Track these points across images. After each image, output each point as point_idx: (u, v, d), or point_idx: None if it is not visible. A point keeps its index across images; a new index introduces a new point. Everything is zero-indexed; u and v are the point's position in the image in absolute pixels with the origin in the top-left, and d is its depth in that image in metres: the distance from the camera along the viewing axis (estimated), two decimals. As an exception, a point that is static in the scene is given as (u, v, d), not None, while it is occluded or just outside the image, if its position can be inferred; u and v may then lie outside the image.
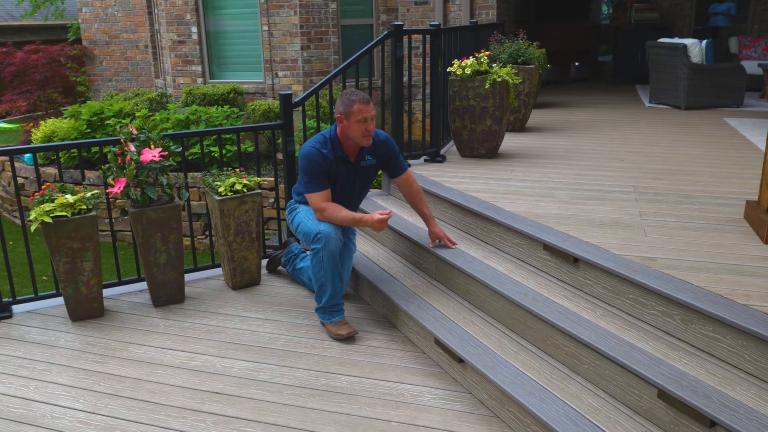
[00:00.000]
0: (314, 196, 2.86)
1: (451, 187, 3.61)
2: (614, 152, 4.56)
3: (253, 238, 3.32)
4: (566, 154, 4.52)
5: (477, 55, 4.26)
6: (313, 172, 2.85)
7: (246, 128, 3.68)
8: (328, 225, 2.81)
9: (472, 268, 2.89)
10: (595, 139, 5.10)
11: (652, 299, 2.34)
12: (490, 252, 3.08)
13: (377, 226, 2.77)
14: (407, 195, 3.14)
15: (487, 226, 3.16)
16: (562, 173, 3.93)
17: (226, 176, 3.32)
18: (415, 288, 3.05)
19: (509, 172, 4.00)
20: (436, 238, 3.13)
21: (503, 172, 3.98)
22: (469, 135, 4.33)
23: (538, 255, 2.85)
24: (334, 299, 2.89)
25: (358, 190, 3.05)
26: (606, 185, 3.62)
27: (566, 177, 3.83)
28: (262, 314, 3.12)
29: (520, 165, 4.19)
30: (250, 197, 3.24)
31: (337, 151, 2.90)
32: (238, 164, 3.63)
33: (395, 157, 3.07)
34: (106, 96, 8.56)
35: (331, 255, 2.80)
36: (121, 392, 2.50)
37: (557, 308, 2.50)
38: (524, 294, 2.62)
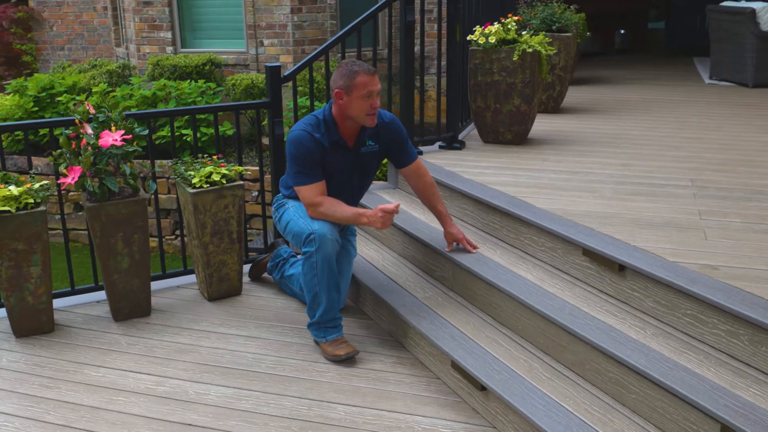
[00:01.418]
0: (306, 189, 2.86)
1: (471, 179, 3.61)
2: (668, 138, 4.55)
3: (233, 239, 3.32)
4: (610, 141, 4.51)
5: (503, 21, 4.25)
6: (303, 160, 2.85)
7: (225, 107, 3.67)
8: (322, 223, 2.81)
9: (497, 276, 2.88)
10: (644, 123, 5.09)
11: (713, 316, 2.33)
12: (519, 258, 3.07)
13: (381, 222, 2.77)
14: (418, 189, 3.13)
15: (515, 226, 3.15)
16: (604, 163, 3.92)
17: (201, 165, 3.33)
18: (427, 300, 3.05)
19: (541, 161, 3.99)
20: (453, 241, 3.13)
21: (534, 162, 3.97)
22: (493, 117, 4.32)
23: (576, 261, 2.84)
24: (330, 313, 2.89)
25: (358, 181, 3.05)
26: (658, 178, 3.61)
27: (610, 168, 3.82)
28: (243, 330, 3.13)
29: (555, 153, 4.18)
30: (230, 190, 3.25)
31: (332, 134, 2.89)
32: (215, 150, 3.63)
33: (403, 143, 3.07)
34: (57, 68, 8.59)
35: (326, 260, 2.80)
36: (74, 423, 2.50)
37: (599, 326, 2.49)
38: (559, 308, 2.62)
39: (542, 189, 3.44)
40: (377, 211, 2.78)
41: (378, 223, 2.77)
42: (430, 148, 4.34)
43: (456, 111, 4.30)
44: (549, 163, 3.95)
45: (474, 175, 3.68)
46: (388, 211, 2.77)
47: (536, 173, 3.73)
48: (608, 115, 5.43)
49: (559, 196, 3.32)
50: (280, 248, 3.50)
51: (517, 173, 3.73)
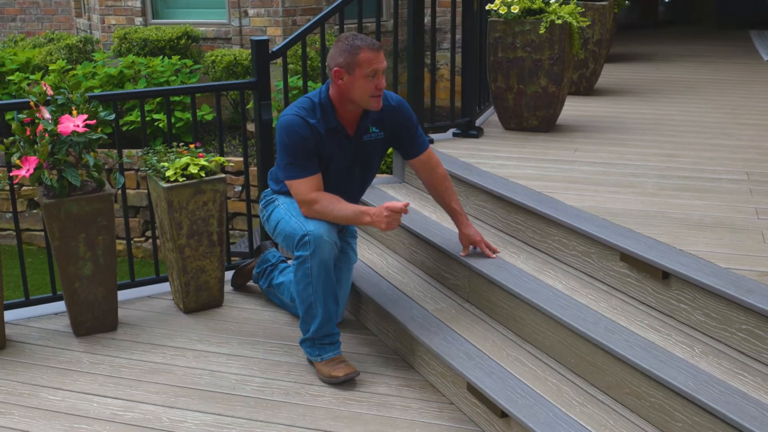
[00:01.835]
0: (298, 183, 2.87)
1: (490, 172, 3.61)
2: (720, 125, 4.54)
3: (213, 242, 3.33)
4: (652, 127, 4.50)
5: (528, -13, 4.26)
6: (296, 149, 2.85)
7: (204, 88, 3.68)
8: (318, 223, 2.82)
9: (520, 285, 2.88)
10: (692, 106, 5.09)
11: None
12: (546, 263, 3.07)
13: (387, 223, 2.77)
14: (429, 183, 3.14)
15: (542, 227, 3.16)
16: (646, 154, 3.92)
17: (176, 155, 3.33)
18: (439, 313, 3.06)
19: (572, 151, 3.99)
20: (469, 244, 3.14)
21: (564, 152, 3.97)
22: (516, 99, 4.32)
23: (613, 268, 2.84)
24: (326, 327, 2.90)
25: (360, 175, 3.05)
26: (708, 171, 3.61)
27: (652, 159, 3.82)
28: (225, 347, 3.13)
29: (588, 142, 4.18)
30: (210, 185, 3.25)
31: (329, 120, 2.90)
32: (192, 138, 3.64)
33: (412, 130, 3.07)
34: (8, 42, 8.61)
35: (322, 265, 2.80)
36: (29, 454, 2.51)
37: (640, 342, 2.49)
38: (593, 322, 2.62)
39: (573, 183, 3.44)
40: (382, 209, 2.78)
41: (383, 223, 2.77)
42: (442, 135, 4.34)
43: (473, 93, 4.31)
44: (581, 153, 3.95)
45: (493, 168, 3.67)
46: (395, 209, 2.77)
47: (566, 165, 3.73)
48: (650, 97, 5.42)
49: (592, 192, 3.32)
50: (268, 252, 3.50)
51: (544, 165, 3.73)
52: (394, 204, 2.77)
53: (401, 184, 4.08)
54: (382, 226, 2.77)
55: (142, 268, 5.99)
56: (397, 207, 2.76)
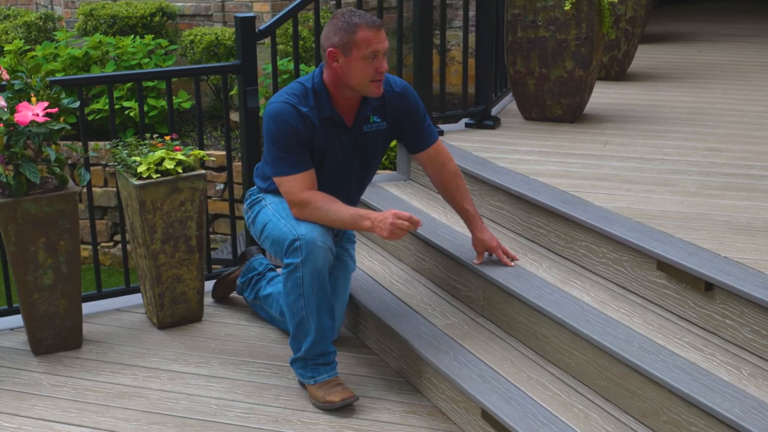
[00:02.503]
0: (289, 180, 2.87)
1: (508, 168, 3.60)
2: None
3: (191, 247, 3.33)
4: (693, 117, 4.50)
5: (551, -43, 4.26)
6: (285, 142, 2.85)
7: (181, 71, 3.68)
8: (311, 227, 2.82)
9: (543, 297, 2.88)
10: (739, 94, 5.08)
11: (832, 351, 2.32)
12: (572, 273, 3.07)
13: (389, 232, 2.76)
14: (438, 181, 3.14)
15: (567, 230, 3.16)
16: (686, 147, 3.91)
17: (149, 148, 3.34)
18: (450, 329, 3.05)
19: (602, 144, 3.99)
20: (484, 250, 3.14)
21: (592, 145, 3.97)
22: (537, 85, 4.32)
23: (649, 278, 2.84)
24: (320, 345, 2.90)
25: (359, 171, 3.06)
26: (757, 167, 3.61)
27: (693, 153, 3.82)
28: (205, 368, 3.13)
29: (620, 133, 4.18)
30: (188, 182, 3.26)
31: (324, 108, 2.90)
32: (168, 129, 3.64)
33: (418, 120, 3.07)
34: (-42, 19, 8.61)
35: (316, 274, 2.80)
36: (-19, 490, 2.52)
37: (679, 363, 2.49)
38: (626, 340, 2.61)
39: (603, 181, 3.44)
40: (388, 215, 2.76)
41: (385, 231, 2.75)
42: (453, 126, 4.34)
43: (488, 77, 4.30)
44: (612, 146, 3.94)
45: (512, 163, 3.67)
46: (403, 220, 2.74)
47: (595, 160, 3.72)
48: (691, 83, 5.41)
49: (625, 191, 3.32)
50: (254, 259, 3.50)
51: (570, 160, 3.73)
52: (402, 214, 2.75)
53: (406, 181, 4.07)
54: (383, 233, 2.76)
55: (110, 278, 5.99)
56: (404, 217, 2.74)
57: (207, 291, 3.62)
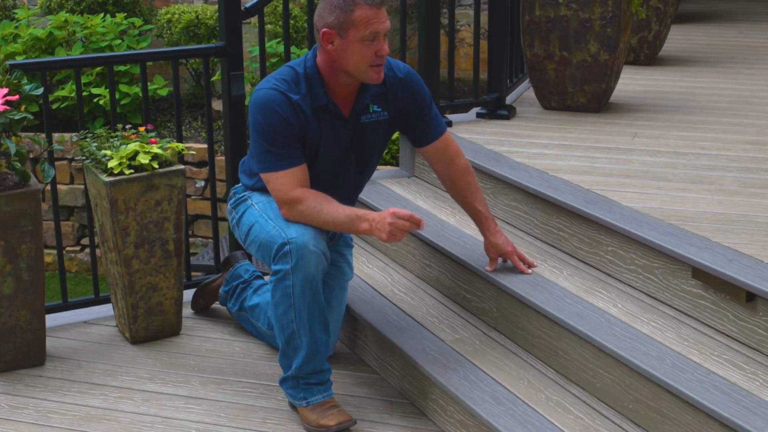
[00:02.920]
0: (278, 177, 2.86)
1: (525, 164, 3.59)
2: (820, 104, 4.53)
3: (168, 252, 3.32)
4: (732, 107, 4.49)
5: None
6: (274, 134, 2.85)
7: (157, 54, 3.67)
8: (302, 229, 2.81)
9: (564, 309, 2.87)
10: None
11: None
12: (596, 281, 3.06)
13: (389, 233, 2.74)
14: (446, 178, 3.13)
15: (591, 234, 3.14)
16: (725, 141, 3.90)
17: (121, 140, 3.33)
18: (459, 345, 3.04)
19: (630, 137, 3.98)
20: (498, 255, 3.13)
21: (620, 138, 3.96)
22: (558, 70, 4.31)
23: (683, 287, 2.83)
24: (313, 363, 2.89)
25: (356, 167, 3.05)
26: (806, 163, 3.61)
27: (733, 147, 3.81)
28: (184, 388, 3.12)
29: (650, 125, 4.16)
30: (165, 179, 3.25)
31: (317, 96, 2.89)
32: (142, 119, 3.64)
33: (424, 109, 3.07)
34: None
35: (308, 283, 2.80)
36: None
37: (717, 383, 2.48)
38: (657, 357, 2.60)
39: (631, 179, 3.43)
40: (386, 215, 2.75)
41: (384, 233, 2.75)
42: (463, 116, 4.33)
43: (502, 62, 4.29)
44: (641, 139, 3.93)
45: (529, 158, 3.66)
46: (402, 219, 2.74)
47: (622, 155, 3.72)
48: (730, 68, 5.40)
49: (656, 190, 3.31)
50: (239, 266, 3.50)
51: (595, 155, 3.72)
52: (401, 212, 2.74)
53: (410, 178, 4.07)
54: (382, 236, 2.75)
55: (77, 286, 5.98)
56: (404, 216, 2.73)
57: (186, 301, 3.61)
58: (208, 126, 3.71)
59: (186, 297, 3.60)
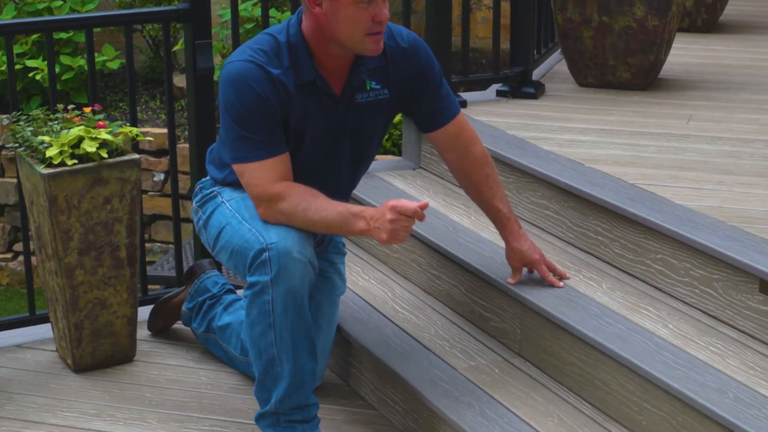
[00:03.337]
0: (255, 169, 2.86)
1: (556, 152, 3.60)
2: None
3: (120, 261, 3.32)
4: (810, 84, 4.50)
5: None
6: (250, 116, 2.84)
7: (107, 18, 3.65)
8: (285, 232, 2.81)
9: (602, 330, 2.87)
10: None
11: None
12: (642, 296, 3.06)
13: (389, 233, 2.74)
14: (459, 169, 3.13)
15: (636, 238, 3.14)
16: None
17: (62, 124, 3.33)
18: (474, 374, 3.04)
19: (684, 121, 3.98)
20: (522, 265, 3.13)
21: (671, 122, 3.96)
22: (596, 39, 4.31)
23: (749, 303, 2.82)
24: (297, 395, 2.89)
25: (350, 156, 3.05)
26: None
27: (811, 134, 3.82)
28: (138, 427, 3.12)
29: (708, 105, 4.17)
30: (116, 171, 3.25)
31: (303, 70, 2.89)
32: (89, 98, 3.63)
33: (433, 86, 3.07)
34: None
35: (291, 298, 2.80)
36: None
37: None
38: (718, 389, 2.60)
39: (685, 171, 3.43)
40: (384, 209, 2.76)
41: (384, 232, 2.75)
42: (480, 95, 4.33)
43: (528, 29, 4.30)
44: (698, 123, 3.94)
45: (561, 146, 3.66)
46: (405, 212, 2.75)
47: (674, 142, 3.72)
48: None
49: (716, 185, 3.31)
50: (207, 277, 3.50)
51: (641, 142, 3.72)
52: (402, 203, 2.75)
53: (415, 170, 4.07)
54: (382, 236, 2.75)
55: (7, 302, 5.97)
56: (408, 208, 2.74)
57: (141, 321, 3.61)
58: (168, 106, 3.71)
59: (141, 315, 3.60)
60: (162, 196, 6.32)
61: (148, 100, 6.71)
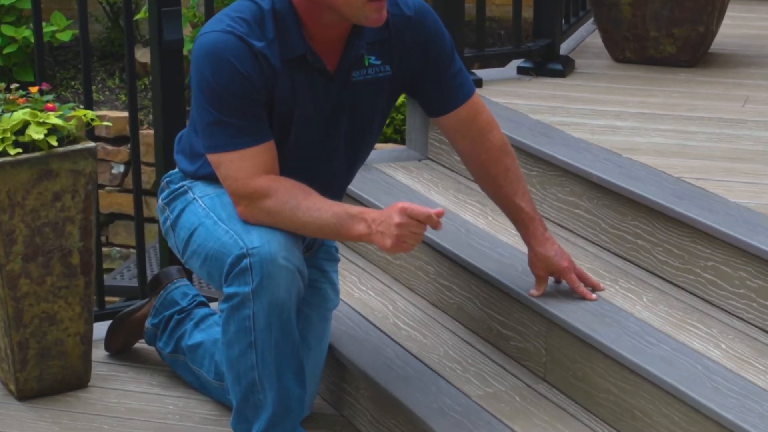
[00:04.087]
0: (234, 160, 2.86)
1: (588, 140, 3.61)
2: None
3: (72, 269, 3.33)
4: None
5: None
6: (228, 97, 2.85)
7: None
8: (268, 235, 2.81)
9: (642, 350, 2.87)
10: None
11: None
12: (690, 310, 3.07)
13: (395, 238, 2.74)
14: (474, 160, 3.15)
15: (683, 242, 3.15)
16: None
17: (4, 106, 3.33)
18: (491, 402, 3.04)
19: (740, 103, 4.00)
20: (548, 273, 3.14)
21: (724, 104, 3.98)
22: (635, 6, 4.32)
23: (816, 320, 2.84)
24: (282, 426, 2.91)
25: (346, 145, 3.06)
26: None
27: None
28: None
29: (767, 86, 4.18)
30: (68, 162, 3.25)
31: (290, 42, 2.89)
32: (35, 76, 3.64)
33: (442, 62, 3.08)
34: None
35: (276, 312, 2.80)
36: None
37: None
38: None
39: (741, 163, 3.45)
40: (392, 212, 2.74)
41: (388, 238, 2.74)
42: (498, 72, 4.34)
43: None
44: (756, 106, 3.95)
45: (594, 132, 3.67)
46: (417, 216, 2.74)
47: (728, 128, 3.73)
48: None
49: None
50: (175, 288, 3.51)
51: (688, 128, 3.73)
52: (415, 208, 2.74)
53: (422, 161, 4.08)
54: (386, 243, 2.74)
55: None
56: (421, 212, 2.73)
57: (98, 339, 3.62)
58: (129, 86, 3.71)
59: (98, 333, 3.61)
60: (122, 192, 6.33)
61: (106, 78, 6.72)
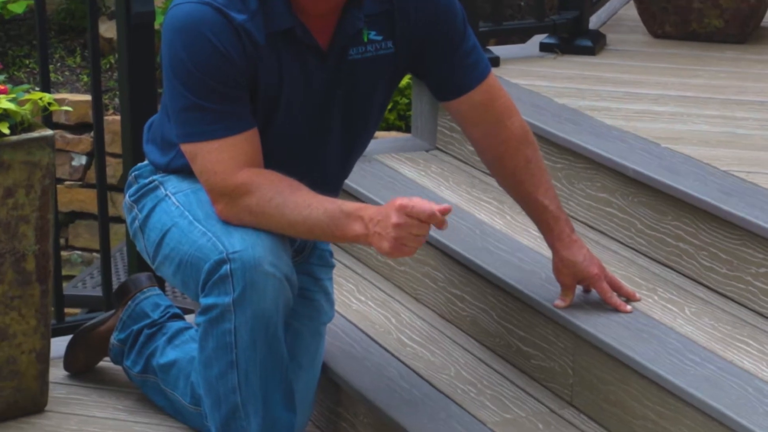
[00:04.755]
0: (211, 151, 2.87)
1: (621, 128, 3.62)
2: None
3: (26, 275, 3.34)
4: None
5: None
6: (204, 78, 2.86)
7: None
8: (252, 237, 2.83)
9: (684, 370, 2.87)
10: None
11: None
12: (739, 324, 3.07)
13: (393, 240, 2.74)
14: (490, 150, 3.16)
15: (731, 245, 3.16)
16: None
17: (-52, 88, 3.35)
18: (507, 429, 3.05)
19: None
20: (576, 281, 3.15)
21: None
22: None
23: None
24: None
25: (342, 133, 3.08)
26: None
27: None
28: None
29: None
30: (22, 152, 3.27)
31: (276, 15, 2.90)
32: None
33: (453, 38, 3.08)
34: None
35: (262, 326, 2.82)
36: None
37: None
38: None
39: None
40: (390, 210, 2.75)
41: (386, 240, 2.74)
42: (517, 50, 4.36)
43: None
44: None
45: (628, 119, 3.69)
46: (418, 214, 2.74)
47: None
48: None
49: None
50: (144, 298, 3.52)
51: (737, 114, 3.74)
52: (415, 202, 2.75)
53: (430, 152, 4.10)
54: (383, 245, 2.75)
55: None
56: (423, 209, 2.73)
57: (56, 357, 3.63)
58: (92, 65, 3.73)
59: (56, 350, 3.62)
60: (84, 187, 6.34)
61: (65, 56, 6.74)
